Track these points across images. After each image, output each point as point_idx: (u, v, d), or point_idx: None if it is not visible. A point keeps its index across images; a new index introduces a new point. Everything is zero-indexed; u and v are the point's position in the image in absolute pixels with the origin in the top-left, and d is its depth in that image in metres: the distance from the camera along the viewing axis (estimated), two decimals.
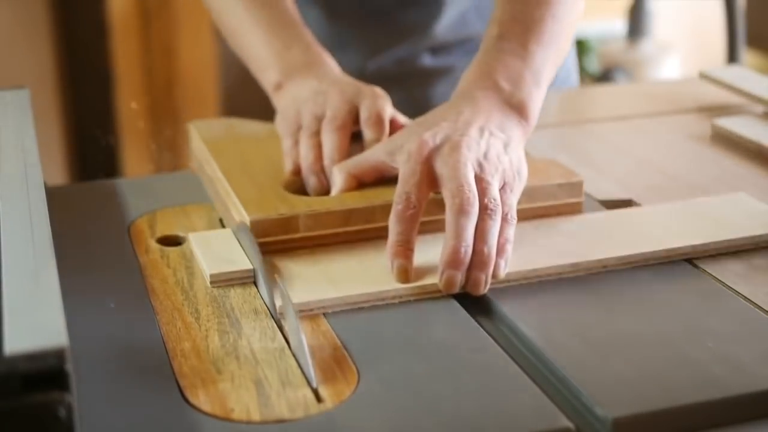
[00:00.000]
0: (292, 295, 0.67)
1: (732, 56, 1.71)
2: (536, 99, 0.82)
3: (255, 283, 0.73)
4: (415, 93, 1.15)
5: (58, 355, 0.48)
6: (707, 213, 0.81)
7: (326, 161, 0.83)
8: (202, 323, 0.68)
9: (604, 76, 2.58)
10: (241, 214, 0.76)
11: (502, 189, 0.74)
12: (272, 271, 0.73)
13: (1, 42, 2.09)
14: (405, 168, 0.74)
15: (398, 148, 0.77)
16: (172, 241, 0.80)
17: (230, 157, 0.86)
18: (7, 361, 0.48)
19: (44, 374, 0.48)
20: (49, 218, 0.65)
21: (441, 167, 0.73)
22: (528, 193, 0.79)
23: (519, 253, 0.73)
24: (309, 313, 0.68)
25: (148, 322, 0.68)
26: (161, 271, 0.75)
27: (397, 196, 0.73)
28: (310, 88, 0.89)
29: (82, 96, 2.25)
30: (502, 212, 0.72)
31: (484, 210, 0.71)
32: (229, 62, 2.31)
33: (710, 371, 0.61)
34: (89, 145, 2.29)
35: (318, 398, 0.59)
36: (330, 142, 0.83)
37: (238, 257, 0.74)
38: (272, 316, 0.69)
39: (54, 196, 0.88)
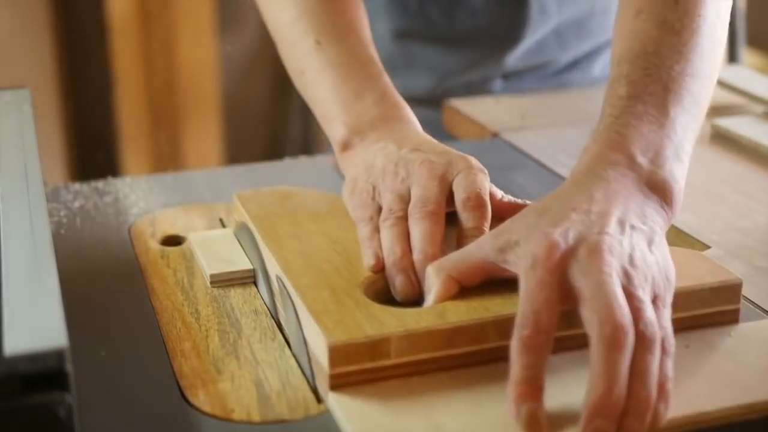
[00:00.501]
0: None
1: (732, 56, 1.71)
2: (680, 178, 0.66)
3: (255, 283, 0.73)
4: None
5: (58, 355, 0.48)
6: None
7: (417, 255, 0.65)
8: (202, 323, 0.68)
9: None
10: (314, 331, 0.60)
11: (654, 304, 0.57)
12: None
13: (1, 42, 2.09)
14: (529, 277, 0.57)
15: (512, 246, 0.60)
16: (172, 241, 0.80)
17: (288, 244, 0.70)
18: (7, 361, 0.47)
19: (44, 374, 0.48)
20: (49, 218, 0.64)
21: (579, 279, 0.56)
22: (674, 301, 0.60)
23: (673, 385, 0.56)
24: None
25: (148, 322, 0.68)
26: (161, 271, 0.75)
27: (521, 316, 0.55)
28: (388, 155, 0.73)
29: (82, 96, 2.25)
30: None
31: (641, 339, 0.54)
32: (229, 62, 2.31)
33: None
34: (89, 145, 2.29)
35: (318, 398, 0.59)
36: (421, 231, 0.66)
37: (238, 257, 0.74)
38: (272, 316, 0.68)
39: (54, 196, 0.88)
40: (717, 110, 1.09)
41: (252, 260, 0.73)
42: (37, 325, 0.50)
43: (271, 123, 2.40)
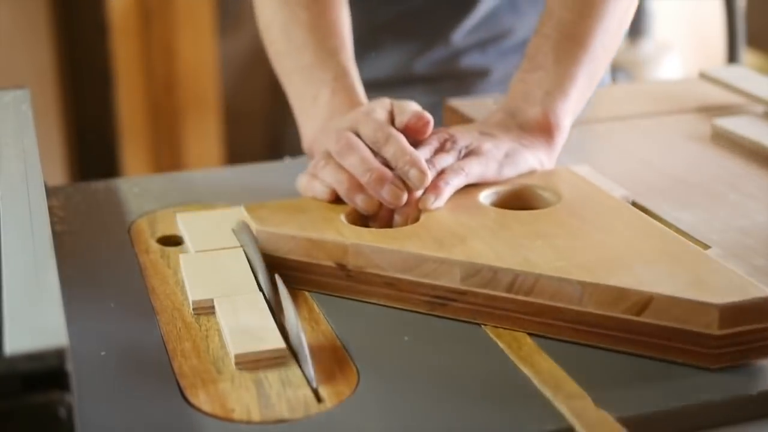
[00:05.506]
0: None
1: (732, 56, 1.71)
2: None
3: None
4: (453, 94, 1.11)
5: (58, 355, 0.48)
6: None
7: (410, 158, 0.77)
8: (202, 323, 0.68)
9: None
10: None
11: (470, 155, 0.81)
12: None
13: (1, 42, 2.09)
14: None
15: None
16: (172, 241, 0.80)
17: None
18: (7, 361, 0.48)
19: (44, 374, 0.48)
20: (49, 218, 0.64)
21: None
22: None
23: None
24: None
25: (148, 322, 0.68)
26: (161, 271, 0.75)
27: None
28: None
29: (82, 96, 2.25)
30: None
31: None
32: (229, 62, 2.31)
33: (709, 371, 0.61)
34: (89, 145, 2.29)
35: (318, 398, 0.59)
36: (397, 143, 0.78)
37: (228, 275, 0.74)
38: (272, 316, 0.68)
39: (54, 196, 0.88)
40: (717, 110, 1.09)
41: (252, 259, 0.73)
42: (37, 325, 0.50)
43: (271, 123, 2.40)
